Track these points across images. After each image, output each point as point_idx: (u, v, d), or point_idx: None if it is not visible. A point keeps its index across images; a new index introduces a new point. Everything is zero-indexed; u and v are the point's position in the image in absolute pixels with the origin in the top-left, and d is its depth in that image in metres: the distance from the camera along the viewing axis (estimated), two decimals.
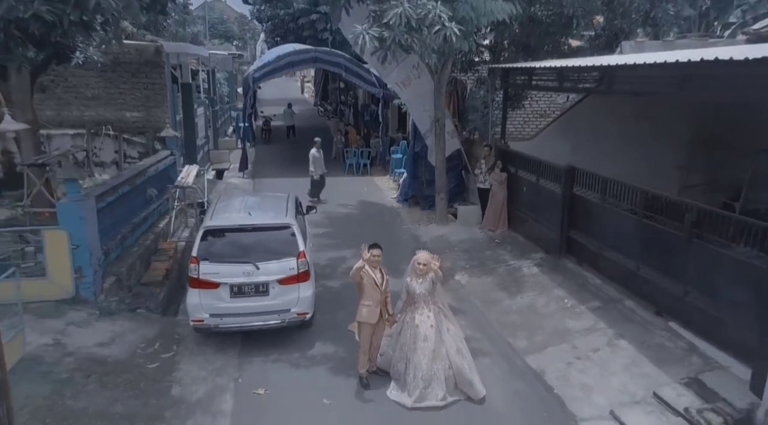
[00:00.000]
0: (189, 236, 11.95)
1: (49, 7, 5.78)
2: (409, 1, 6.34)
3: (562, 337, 7.85)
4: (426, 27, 6.44)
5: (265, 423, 6.22)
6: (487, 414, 6.39)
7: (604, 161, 10.99)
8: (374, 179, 18.34)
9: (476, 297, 9.52)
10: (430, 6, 6.54)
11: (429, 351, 6.42)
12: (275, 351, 7.59)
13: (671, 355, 6.97)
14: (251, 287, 7.36)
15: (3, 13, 5.86)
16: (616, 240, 8.78)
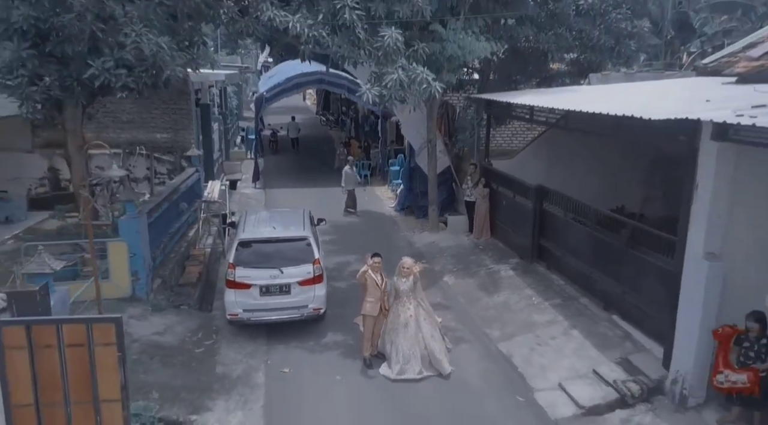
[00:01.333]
0: (212, 243, 13.80)
1: (134, 78, 7.57)
2: (403, 68, 8.18)
3: (528, 328, 9.67)
4: (416, 86, 8.25)
5: (290, 394, 8.03)
6: (462, 387, 8.19)
7: (575, 178, 12.83)
8: (374, 188, 20.16)
9: (461, 296, 11.33)
10: (419, 71, 8.35)
11: (409, 335, 8.24)
12: (295, 339, 9.40)
13: (610, 341, 8.79)
14: (276, 287, 9.17)
15: (97, 83, 7.52)
16: (575, 248, 10.60)
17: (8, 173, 14.12)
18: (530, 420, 7.52)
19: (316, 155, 25.31)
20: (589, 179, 12.65)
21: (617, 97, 10.66)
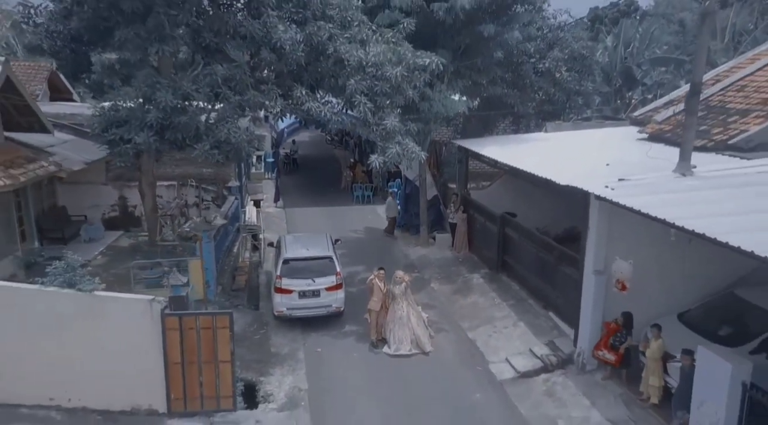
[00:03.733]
0: (250, 257, 17.56)
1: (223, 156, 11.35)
2: (400, 144, 11.91)
3: (489, 321, 13.47)
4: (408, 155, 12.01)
5: (322, 365, 11.80)
6: (439, 360, 11.99)
7: (534, 206, 16.57)
8: (375, 207, 23.93)
9: (443, 297, 15.14)
10: (411, 146, 12.10)
11: (402, 326, 12.04)
12: (323, 329, 13.17)
13: (543, 330, 12.59)
14: (310, 292, 12.95)
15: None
16: (526, 263, 14.39)
17: (88, 202, 17.87)
18: (484, 382, 11.31)
19: (323, 176, 29.05)
20: (539, 208, 16.39)
21: (552, 152, 14.53)
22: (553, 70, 17.70)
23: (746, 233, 7.33)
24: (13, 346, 8.93)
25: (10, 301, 8.96)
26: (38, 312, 8.96)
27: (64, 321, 9.00)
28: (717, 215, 8.23)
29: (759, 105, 12.66)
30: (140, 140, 11.13)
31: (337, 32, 12.26)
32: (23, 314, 8.93)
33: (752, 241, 6.96)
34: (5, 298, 8.97)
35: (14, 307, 8.93)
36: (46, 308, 8.98)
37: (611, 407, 10.00)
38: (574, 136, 16.37)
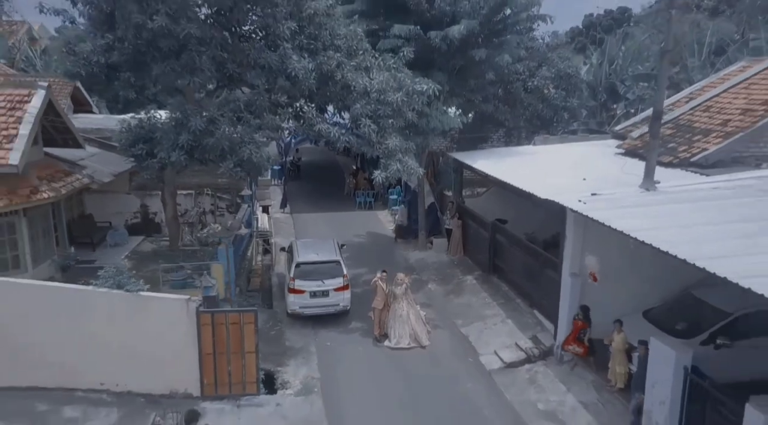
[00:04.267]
0: (261, 260, 19.07)
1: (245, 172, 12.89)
2: (401, 161, 13.43)
3: (480, 318, 15.00)
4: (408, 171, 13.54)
5: (332, 357, 13.31)
6: (435, 353, 13.52)
7: (524, 213, 18.05)
8: (377, 213, 25.48)
9: (439, 297, 16.68)
10: (411, 163, 13.64)
11: (402, 322, 13.56)
12: (332, 325, 14.70)
13: (528, 326, 14.13)
14: (320, 292, 14.47)
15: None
16: (515, 266, 15.93)
17: (113, 209, 19.37)
18: (474, 372, 12.84)
19: (327, 182, 30.58)
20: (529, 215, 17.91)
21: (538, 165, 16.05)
22: (541, 88, 19.22)
23: (691, 244, 8.84)
24: (71, 339, 10.46)
25: (69, 300, 10.48)
26: (92, 310, 10.49)
27: (113, 318, 10.53)
28: (670, 227, 9.75)
29: (719, 125, 14.21)
30: (173, 159, 12.66)
31: (344, 61, 13.80)
32: (80, 311, 10.46)
33: (694, 252, 8.46)
34: (66, 298, 10.49)
35: (73, 306, 10.46)
36: (98, 306, 10.51)
37: (584, 392, 11.54)
38: (559, 149, 17.91)
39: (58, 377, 10.47)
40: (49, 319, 10.34)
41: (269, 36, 13.19)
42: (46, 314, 10.33)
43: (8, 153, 13.08)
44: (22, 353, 10.18)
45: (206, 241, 17.75)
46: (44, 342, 10.25)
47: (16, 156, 13.06)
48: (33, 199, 13.76)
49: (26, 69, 30.34)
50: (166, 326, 10.71)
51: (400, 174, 13.79)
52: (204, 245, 17.76)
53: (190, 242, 18.49)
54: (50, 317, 10.34)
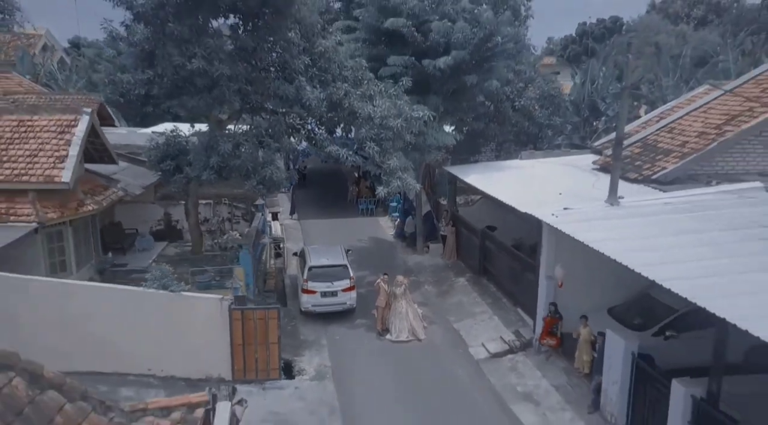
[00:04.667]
0: (274, 263, 21.10)
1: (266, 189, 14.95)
2: (400, 179, 15.46)
3: (471, 315, 17.04)
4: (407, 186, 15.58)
5: (341, 349, 15.33)
6: (430, 345, 15.56)
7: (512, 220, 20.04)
8: (378, 219, 27.52)
9: (434, 296, 18.71)
10: (409, 180, 15.67)
11: (401, 319, 15.58)
12: (339, 321, 16.72)
13: (512, 322, 16.17)
14: (329, 292, 16.50)
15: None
16: (501, 269, 17.96)
17: (139, 217, 21.40)
18: (464, 361, 14.87)
19: (331, 190, 32.63)
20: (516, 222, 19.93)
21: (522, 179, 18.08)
22: (528, 107, 21.27)
23: (638, 252, 10.87)
24: (125, 331, 12.47)
25: (125, 299, 12.51)
26: (142, 307, 12.51)
27: (160, 313, 12.55)
28: (624, 238, 11.78)
29: (679, 146, 16.25)
30: (204, 177, 14.70)
31: (351, 90, 15.84)
32: (133, 308, 12.48)
33: (638, 260, 10.47)
34: (122, 297, 12.52)
35: (127, 304, 12.48)
36: (147, 304, 12.53)
37: (556, 377, 13.57)
38: (542, 164, 19.92)
39: (114, 363, 12.47)
40: (108, 315, 12.35)
41: (286, 70, 15.23)
42: (105, 310, 12.34)
43: (61, 172, 15.13)
44: (85, 343, 12.17)
45: (226, 246, 19.80)
46: (103, 334, 12.25)
47: (68, 174, 15.11)
48: (80, 211, 15.81)
49: (49, 83, 32.38)
50: (202, 320, 12.73)
51: (400, 189, 15.84)
52: (224, 250, 19.83)
53: (210, 248, 20.54)
54: (108, 313, 12.35)
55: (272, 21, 14.27)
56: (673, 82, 26.12)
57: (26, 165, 15.21)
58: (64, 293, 12.61)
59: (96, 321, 12.29)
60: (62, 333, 12.10)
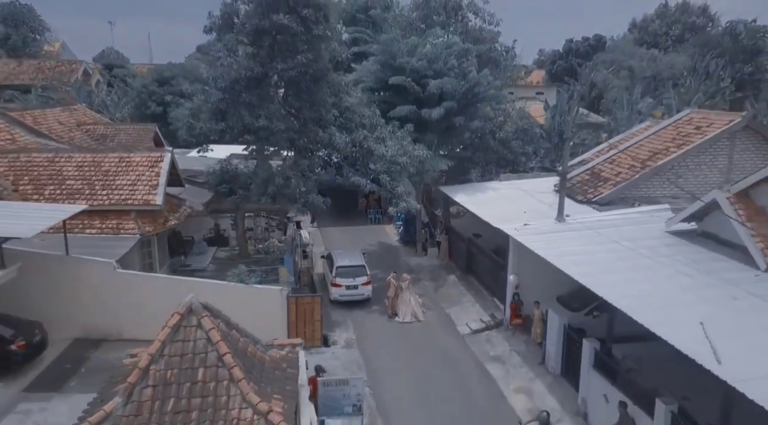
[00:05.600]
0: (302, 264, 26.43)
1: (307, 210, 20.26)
2: (406, 201, 20.72)
3: (458, 303, 22.45)
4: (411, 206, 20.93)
5: (362, 327, 20.71)
6: (428, 325, 20.96)
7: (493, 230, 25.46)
8: (384, 227, 32.91)
9: (431, 289, 24.10)
10: (413, 203, 20.99)
11: (406, 305, 20.99)
12: (360, 308, 22.09)
13: (489, 307, 21.59)
14: (352, 286, 21.90)
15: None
16: (482, 268, 23.35)
17: (194, 227, 26.71)
18: (452, 335, 20.24)
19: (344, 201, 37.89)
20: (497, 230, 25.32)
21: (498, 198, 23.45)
22: (506, 139, 26.63)
23: (567, 256, 16.22)
24: None
25: (213, 290, 17.81)
26: (224, 296, 17.80)
27: (238, 301, 17.84)
28: (562, 247, 17.13)
29: (614, 176, 21.64)
30: (262, 201, 20.05)
31: (368, 134, 21.22)
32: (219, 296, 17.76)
33: (565, 262, 15.80)
34: (211, 288, 17.82)
35: (214, 293, 17.77)
36: (229, 294, 17.83)
37: (518, 345, 18.96)
38: (516, 185, 25.28)
39: None
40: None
41: (321, 121, 20.60)
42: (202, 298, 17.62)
43: (155, 197, 20.45)
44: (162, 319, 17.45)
45: (267, 250, 25.17)
46: None
47: (160, 199, 20.44)
48: (166, 225, 21.13)
49: (101, 110, 37.64)
50: (268, 305, 18.02)
51: (406, 209, 21.24)
52: (266, 253, 25.18)
53: (255, 252, 25.89)
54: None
55: (311, 87, 19.62)
56: (627, 114, 31.47)
57: (129, 192, 20.50)
58: (176, 285, 17.88)
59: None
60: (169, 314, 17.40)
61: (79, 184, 20.47)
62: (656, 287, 13.73)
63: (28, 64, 47.38)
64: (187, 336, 10.18)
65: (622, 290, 13.77)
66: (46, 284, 16.68)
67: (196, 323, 10.19)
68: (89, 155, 21.64)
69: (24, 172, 20.55)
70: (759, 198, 14.80)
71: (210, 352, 9.90)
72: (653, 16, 77.21)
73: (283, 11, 17.11)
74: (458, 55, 23.56)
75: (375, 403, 15.76)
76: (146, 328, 16.38)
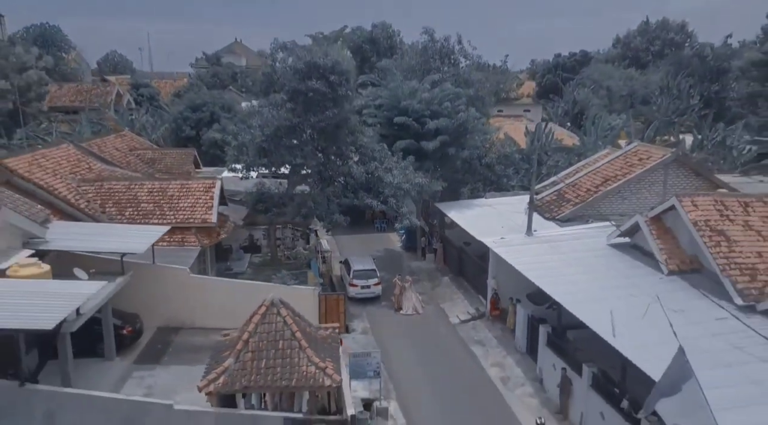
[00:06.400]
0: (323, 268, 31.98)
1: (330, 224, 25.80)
2: (409, 219, 26.15)
3: (450, 299, 28.06)
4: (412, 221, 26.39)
5: (374, 318, 26.28)
6: (426, 316, 26.55)
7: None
8: (389, 235, 38.48)
9: (428, 288, 29.69)
10: (414, 219, 26.44)
11: (408, 301, 26.58)
12: (372, 304, 27.65)
13: (475, 302, 27.19)
14: (366, 286, 27.49)
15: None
16: (470, 271, 28.93)
17: (232, 237, 32.17)
18: (445, 324, 25.82)
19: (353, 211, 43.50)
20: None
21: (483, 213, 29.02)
22: (490, 163, 32.16)
23: (530, 264, 21.76)
24: None
25: (264, 290, 23.30)
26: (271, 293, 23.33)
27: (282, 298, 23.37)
28: (528, 256, 22.67)
29: (575, 197, 27.20)
30: (297, 220, 25.56)
31: (378, 165, 26.75)
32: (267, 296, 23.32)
33: (527, 268, 21.32)
34: (261, 289, 23.31)
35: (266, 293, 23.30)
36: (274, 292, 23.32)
37: (496, 331, 24.54)
38: (498, 202, 30.80)
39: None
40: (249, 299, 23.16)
41: (342, 156, 26.12)
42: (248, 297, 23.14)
43: (210, 216, 25.94)
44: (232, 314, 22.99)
45: (295, 256, 30.72)
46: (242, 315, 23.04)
47: (214, 217, 25.94)
48: (218, 238, 26.66)
49: (141, 133, 43.06)
50: (304, 301, 23.46)
51: (409, 225, 26.80)
52: (294, 259, 30.73)
53: (284, 258, 31.43)
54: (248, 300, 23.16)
55: (335, 131, 25.12)
56: (593, 139, 37.02)
57: (190, 212, 25.98)
58: (234, 286, 23.37)
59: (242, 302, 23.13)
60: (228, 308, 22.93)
61: (151, 206, 25.98)
62: (589, 287, 19.24)
63: (68, 88, 52.93)
64: (270, 320, 15.72)
65: (564, 289, 19.27)
66: (139, 285, 22.14)
67: (276, 311, 15.73)
68: (156, 182, 27.16)
69: (108, 197, 26.04)
70: (667, 221, 20.33)
71: (286, 330, 15.43)
72: (635, 32, 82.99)
73: (315, 77, 22.63)
74: (451, 98, 29.08)
75: (387, 373, 21.31)
76: (211, 319, 22.15)
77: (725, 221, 18.39)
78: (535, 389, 20.30)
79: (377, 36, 46.13)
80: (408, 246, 34.95)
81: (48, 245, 18.62)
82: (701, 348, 13.94)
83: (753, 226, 18.38)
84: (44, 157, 26.19)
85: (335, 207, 25.55)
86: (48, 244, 18.69)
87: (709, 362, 13.07)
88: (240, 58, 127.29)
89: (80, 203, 24.64)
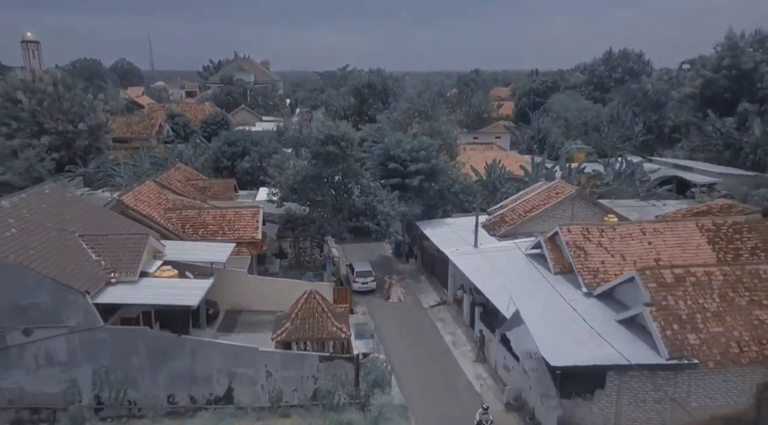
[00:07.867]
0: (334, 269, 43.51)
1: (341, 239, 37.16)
2: (395, 235, 37.38)
3: (424, 291, 39.69)
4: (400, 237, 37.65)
5: (371, 305, 37.81)
6: (406, 304, 38.14)
7: None
8: (382, 244, 50.00)
9: (410, 284, 41.27)
10: (399, 236, 37.72)
11: (395, 293, 38.15)
12: (369, 295, 39.19)
13: (441, 293, 38.77)
14: (365, 282, 39.07)
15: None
16: (439, 271, 40.51)
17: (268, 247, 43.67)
18: (419, 309, 37.36)
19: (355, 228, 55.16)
20: None
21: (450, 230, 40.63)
22: (457, 193, 43.64)
23: (473, 268, 33.25)
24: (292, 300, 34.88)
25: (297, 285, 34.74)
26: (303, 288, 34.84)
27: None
28: (474, 264, 34.17)
29: (512, 220, 38.71)
30: (315, 235, 37.08)
31: (373, 197, 38.30)
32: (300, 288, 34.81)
33: (470, 271, 32.77)
34: (287, 287, 34.76)
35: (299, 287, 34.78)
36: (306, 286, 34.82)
37: (455, 313, 36.10)
38: (460, 221, 42.20)
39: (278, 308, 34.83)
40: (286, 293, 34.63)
41: (348, 191, 37.63)
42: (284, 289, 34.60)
43: (257, 234, 37.44)
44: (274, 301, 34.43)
45: (314, 261, 42.26)
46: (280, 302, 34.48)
47: (259, 235, 37.46)
48: (261, 250, 38.18)
49: (187, 162, 54.32)
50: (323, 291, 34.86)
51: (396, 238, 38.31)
52: (312, 263, 42.26)
53: (305, 262, 42.93)
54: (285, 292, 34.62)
55: (345, 176, 36.60)
56: (535, 173, 48.54)
57: (243, 231, 37.43)
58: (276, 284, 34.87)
59: (282, 295, 34.59)
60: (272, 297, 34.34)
61: (215, 227, 37.50)
62: (504, 281, 30.76)
63: (119, 121, 64.32)
64: (308, 301, 27.32)
65: (490, 286, 30.77)
66: (216, 282, 33.64)
67: (313, 296, 27.32)
68: (218, 210, 38.71)
69: (185, 221, 37.54)
70: (556, 240, 31.85)
71: (318, 307, 27.08)
72: (600, 61, 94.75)
73: (331, 144, 34.04)
74: (426, 147, 40.65)
75: (378, 338, 32.78)
76: (261, 304, 33.69)
77: (585, 242, 29.93)
78: (472, 348, 31.91)
79: (373, 81, 57.66)
80: (396, 253, 46.46)
81: (168, 257, 30.14)
82: (538, 311, 25.58)
83: (602, 244, 29.92)
84: (140, 192, 37.76)
85: (343, 227, 36.99)
86: (167, 256, 30.21)
87: (536, 316, 24.69)
88: (249, 75, 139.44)
89: (170, 226, 36.20)
